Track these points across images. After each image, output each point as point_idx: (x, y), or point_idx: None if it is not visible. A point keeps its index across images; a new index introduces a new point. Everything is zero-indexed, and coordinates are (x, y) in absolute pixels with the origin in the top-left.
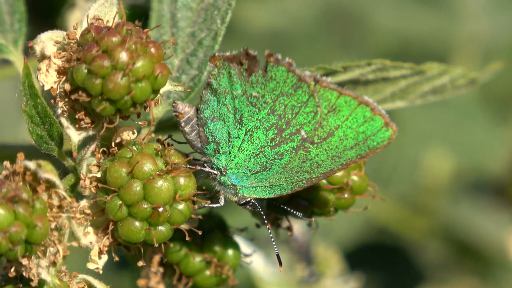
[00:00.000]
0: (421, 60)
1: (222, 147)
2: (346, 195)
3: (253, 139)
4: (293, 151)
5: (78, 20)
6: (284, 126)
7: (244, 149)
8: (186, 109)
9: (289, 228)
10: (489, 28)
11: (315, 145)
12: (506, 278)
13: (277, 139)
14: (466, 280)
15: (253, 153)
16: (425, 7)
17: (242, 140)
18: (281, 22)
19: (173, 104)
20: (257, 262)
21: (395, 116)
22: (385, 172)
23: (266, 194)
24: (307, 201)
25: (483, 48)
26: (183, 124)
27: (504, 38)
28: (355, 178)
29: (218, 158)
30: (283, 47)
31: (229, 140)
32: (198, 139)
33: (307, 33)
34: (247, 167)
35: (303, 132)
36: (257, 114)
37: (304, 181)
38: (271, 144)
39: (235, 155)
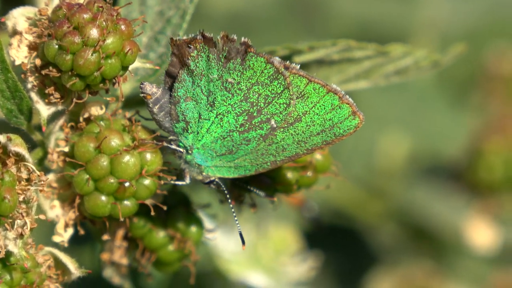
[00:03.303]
0: (381, 44)
1: (191, 127)
2: (309, 174)
3: (222, 123)
4: (261, 138)
5: None
6: (255, 114)
7: (213, 131)
8: (153, 90)
9: (253, 205)
10: (448, 14)
11: (282, 130)
12: (460, 262)
13: (247, 125)
14: (420, 263)
15: (221, 136)
16: None
17: (212, 122)
18: (242, 5)
19: (141, 86)
20: (219, 239)
21: (354, 99)
22: (343, 155)
23: (230, 174)
24: (270, 178)
25: (442, 34)
26: (151, 105)
27: (462, 24)
28: (318, 157)
29: (185, 137)
30: (245, 30)
31: (199, 120)
32: (166, 118)
33: (268, 16)
34: (213, 148)
35: (273, 122)
36: (230, 99)
37: (268, 163)
38: (240, 130)
39: (202, 136)
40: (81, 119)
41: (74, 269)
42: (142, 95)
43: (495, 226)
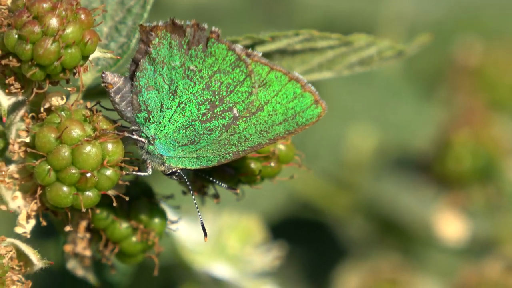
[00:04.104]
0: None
1: (153, 116)
2: (272, 164)
3: (184, 112)
4: (223, 128)
5: None
6: (217, 103)
7: (175, 120)
8: (115, 79)
9: (216, 196)
10: (415, 8)
11: (244, 119)
12: (428, 254)
13: (209, 114)
14: (389, 256)
15: (183, 125)
16: None
17: (174, 111)
18: None
19: (102, 75)
20: (182, 230)
21: (321, 91)
22: (310, 147)
23: (193, 165)
24: (233, 169)
25: (409, 27)
26: (112, 95)
27: (430, 17)
28: (281, 147)
29: (147, 127)
30: (208, 21)
31: (161, 110)
32: (128, 108)
33: (232, 8)
34: (176, 138)
35: (235, 111)
36: (192, 87)
37: (231, 154)
38: (202, 119)
39: (165, 126)
40: (42, 109)
41: (37, 260)
42: (104, 84)
43: (463, 218)
